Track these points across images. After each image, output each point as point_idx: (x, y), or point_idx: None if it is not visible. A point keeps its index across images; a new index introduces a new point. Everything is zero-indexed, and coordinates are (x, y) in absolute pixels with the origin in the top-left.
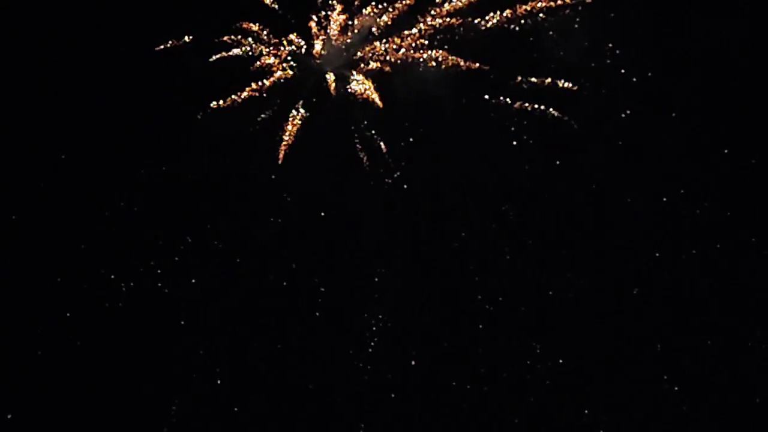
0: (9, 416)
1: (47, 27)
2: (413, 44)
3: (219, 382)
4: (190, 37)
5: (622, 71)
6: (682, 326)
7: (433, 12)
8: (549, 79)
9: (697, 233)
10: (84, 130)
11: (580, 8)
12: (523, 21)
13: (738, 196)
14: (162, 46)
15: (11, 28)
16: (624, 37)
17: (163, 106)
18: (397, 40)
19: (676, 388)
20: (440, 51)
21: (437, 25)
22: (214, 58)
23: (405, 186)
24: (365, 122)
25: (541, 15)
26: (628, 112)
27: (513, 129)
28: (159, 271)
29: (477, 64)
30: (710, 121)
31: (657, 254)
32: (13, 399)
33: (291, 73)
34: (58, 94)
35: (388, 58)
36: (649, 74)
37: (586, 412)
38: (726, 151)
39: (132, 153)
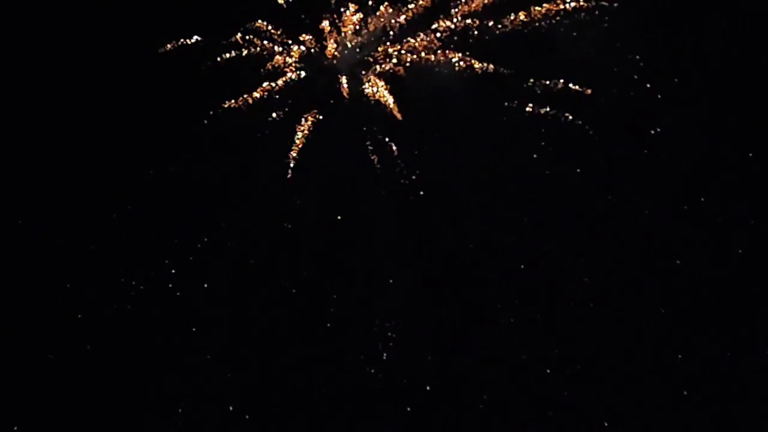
0: (15, 417)
1: (59, 28)
2: (428, 46)
3: (228, 386)
4: (202, 37)
5: (640, 75)
6: (701, 333)
7: (448, 13)
8: (564, 82)
9: (717, 238)
10: (94, 131)
11: (597, 12)
12: (538, 23)
13: (761, 201)
14: (173, 46)
15: (26, 28)
16: (642, 41)
17: (174, 106)
18: (412, 42)
19: (698, 397)
20: (455, 53)
21: (453, 27)
22: (225, 57)
23: (418, 189)
24: (378, 124)
25: (557, 17)
26: (646, 116)
27: (529, 133)
28: (173, 271)
29: (492, 67)
30: (731, 125)
31: (678, 261)
32: (21, 400)
33: (303, 73)
34: (70, 95)
35: (402, 59)
36: (675, 80)
37: (606, 425)
38: (750, 155)
39: (143, 154)
